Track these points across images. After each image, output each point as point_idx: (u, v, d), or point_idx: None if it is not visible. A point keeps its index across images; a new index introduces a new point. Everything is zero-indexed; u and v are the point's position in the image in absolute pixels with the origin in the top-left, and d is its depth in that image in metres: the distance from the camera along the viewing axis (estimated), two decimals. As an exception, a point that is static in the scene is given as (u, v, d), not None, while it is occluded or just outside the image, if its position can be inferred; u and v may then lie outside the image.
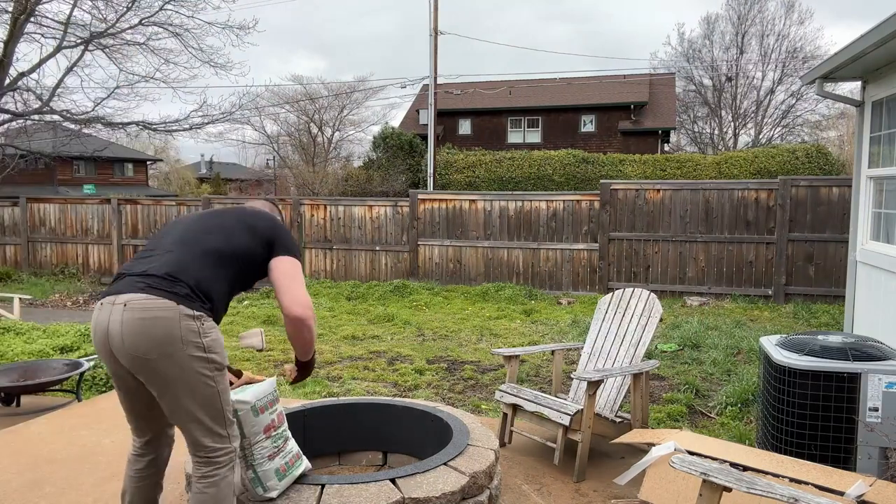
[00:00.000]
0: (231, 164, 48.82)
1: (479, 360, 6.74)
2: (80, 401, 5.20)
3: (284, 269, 2.51)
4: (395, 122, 34.17)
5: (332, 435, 3.60)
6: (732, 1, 33.74)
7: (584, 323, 8.21)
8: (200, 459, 2.37)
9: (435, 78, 19.34)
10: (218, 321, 2.46)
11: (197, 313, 2.29)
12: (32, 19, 13.05)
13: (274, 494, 2.60)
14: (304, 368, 2.78)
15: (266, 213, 2.69)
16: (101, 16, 13.66)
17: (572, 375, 4.07)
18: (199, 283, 2.36)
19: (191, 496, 2.39)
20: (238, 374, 2.92)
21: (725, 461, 2.98)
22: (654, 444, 3.33)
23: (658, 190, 10.59)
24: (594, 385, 3.70)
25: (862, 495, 2.68)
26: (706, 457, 3.04)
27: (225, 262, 2.46)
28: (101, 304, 2.35)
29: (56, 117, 14.59)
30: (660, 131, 27.63)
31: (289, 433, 2.80)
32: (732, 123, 34.74)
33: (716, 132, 35.49)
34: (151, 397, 2.41)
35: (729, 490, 2.43)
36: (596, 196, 10.90)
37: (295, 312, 2.45)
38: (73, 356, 6.27)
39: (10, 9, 12.67)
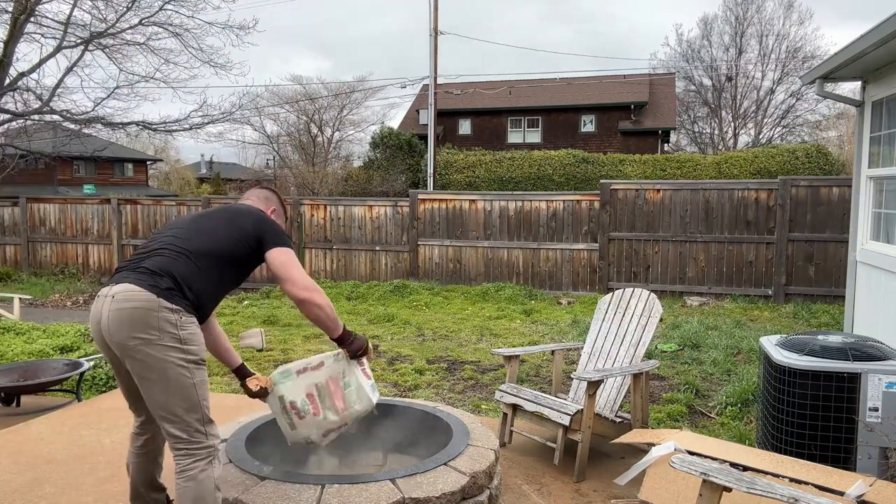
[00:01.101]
0: (231, 164, 48.77)
1: (479, 360, 6.74)
2: (80, 401, 5.20)
3: (280, 259, 2.62)
4: (395, 122, 34.23)
5: (332, 435, 3.60)
6: (729, 1, 33.81)
7: (584, 323, 8.21)
8: (179, 452, 2.45)
9: (435, 78, 19.34)
10: (203, 318, 2.60)
11: (176, 307, 2.42)
12: (32, 19, 13.05)
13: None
14: (350, 348, 2.79)
15: (252, 211, 2.79)
16: (101, 16, 13.67)
17: (572, 375, 4.07)
18: (185, 279, 2.49)
19: (176, 492, 2.46)
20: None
21: (725, 461, 2.98)
22: (654, 444, 3.33)
23: (658, 190, 10.59)
24: (594, 385, 3.70)
25: (862, 495, 2.68)
26: (706, 457, 3.04)
27: (214, 262, 2.59)
28: (98, 296, 2.52)
29: (56, 117, 14.60)
30: (660, 131, 27.63)
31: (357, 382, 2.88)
32: (732, 123, 34.76)
33: (716, 132, 35.51)
34: None
35: (729, 490, 2.43)
36: (596, 196, 10.90)
37: (300, 296, 2.56)
38: (73, 356, 6.27)
39: (10, 9, 12.67)
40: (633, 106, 27.45)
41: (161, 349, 2.38)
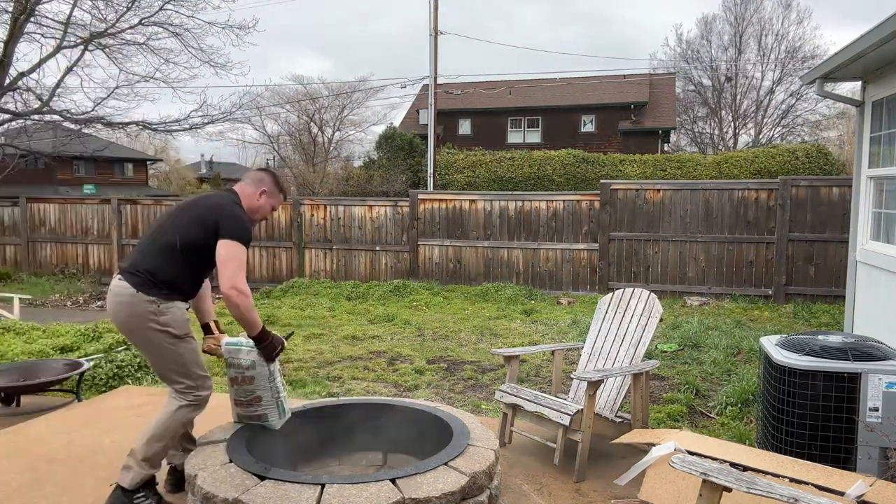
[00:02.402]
0: (231, 163, 48.75)
1: (479, 360, 6.74)
2: (80, 401, 5.20)
3: (225, 251, 2.98)
4: (396, 122, 34.14)
5: (332, 435, 3.60)
6: (728, 1, 33.81)
7: (584, 323, 8.21)
8: (174, 394, 3.13)
9: (435, 78, 19.33)
10: (188, 296, 3.17)
11: (151, 298, 2.98)
12: (32, 19, 13.02)
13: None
14: (264, 349, 3.15)
15: (221, 203, 3.11)
16: (101, 16, 13.63)
17: (572, 375, 4.07)
18: (154, 272, 3.02)
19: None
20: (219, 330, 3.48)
21: (725, 461, 2.98)
22: (654, 444, 3.33)
23: (658, 190, 10.59)
24: (594, 385, 3.70)
25: (862, 495, 2.68)
26: (706, 457, 3.04)
27: (177, 253, 3.04)
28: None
29: (56, 117, 14.55)
30: (660, 131, 27.64)
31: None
32: (732, 123, 34.75)
33: (716, 132, 35.50)
34: None
35: (729, 490, 2.43)
36: (596, 196, 10.90)
37: (224, 291, 2.95)
38: (73, 356, 6.28)
39: (10, 9, 12.65)
40: (633, 106, 27.46)
41: (145, 331, 3.00)
